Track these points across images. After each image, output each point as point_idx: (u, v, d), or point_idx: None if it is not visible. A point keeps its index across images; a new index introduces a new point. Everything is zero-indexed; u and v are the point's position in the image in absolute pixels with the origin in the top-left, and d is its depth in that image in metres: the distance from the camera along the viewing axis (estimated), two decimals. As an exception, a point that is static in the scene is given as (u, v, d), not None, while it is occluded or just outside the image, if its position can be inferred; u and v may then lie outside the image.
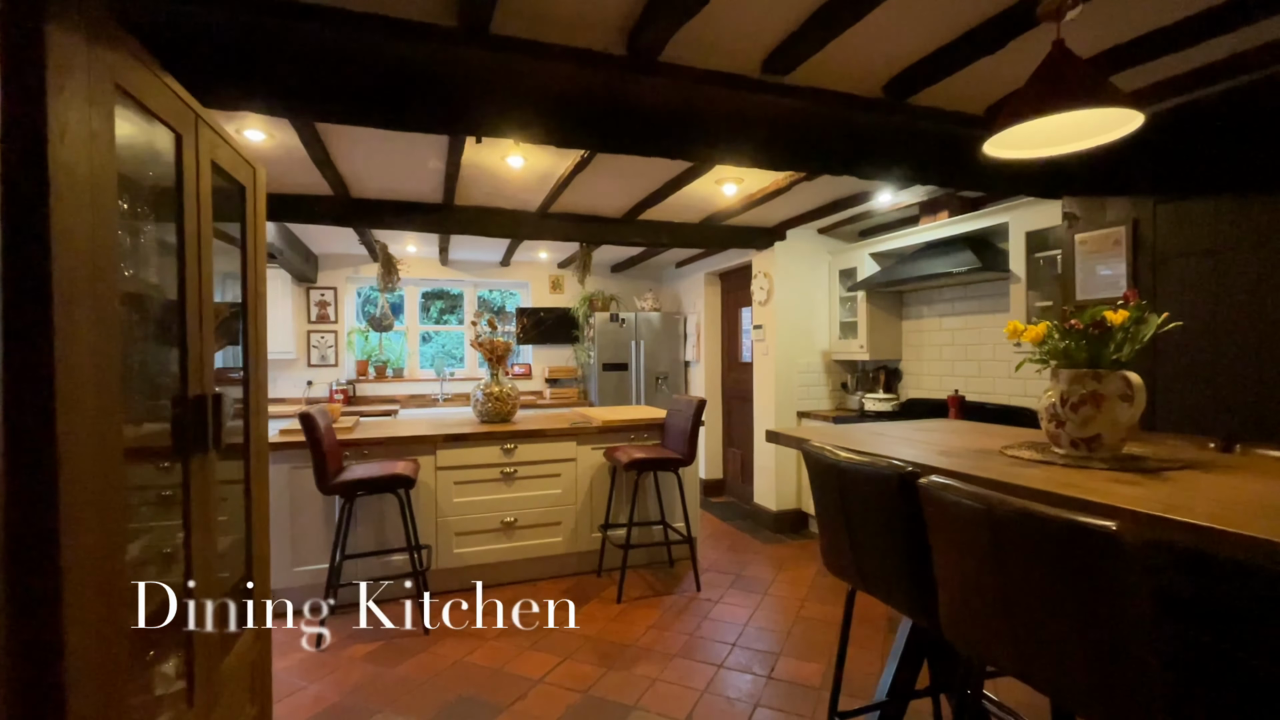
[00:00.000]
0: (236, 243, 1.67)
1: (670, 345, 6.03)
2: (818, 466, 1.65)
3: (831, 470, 1.58)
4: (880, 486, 1.43)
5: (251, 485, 1.62)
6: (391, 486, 2.93)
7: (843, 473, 1.54)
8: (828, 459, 1.58)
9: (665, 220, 4.31)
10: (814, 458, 1.65)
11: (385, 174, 3.23)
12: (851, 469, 1.51)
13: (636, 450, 3.52)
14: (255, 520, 1.63)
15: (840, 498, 1.57)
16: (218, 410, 1.32)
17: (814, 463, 1.66)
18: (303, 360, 5.66)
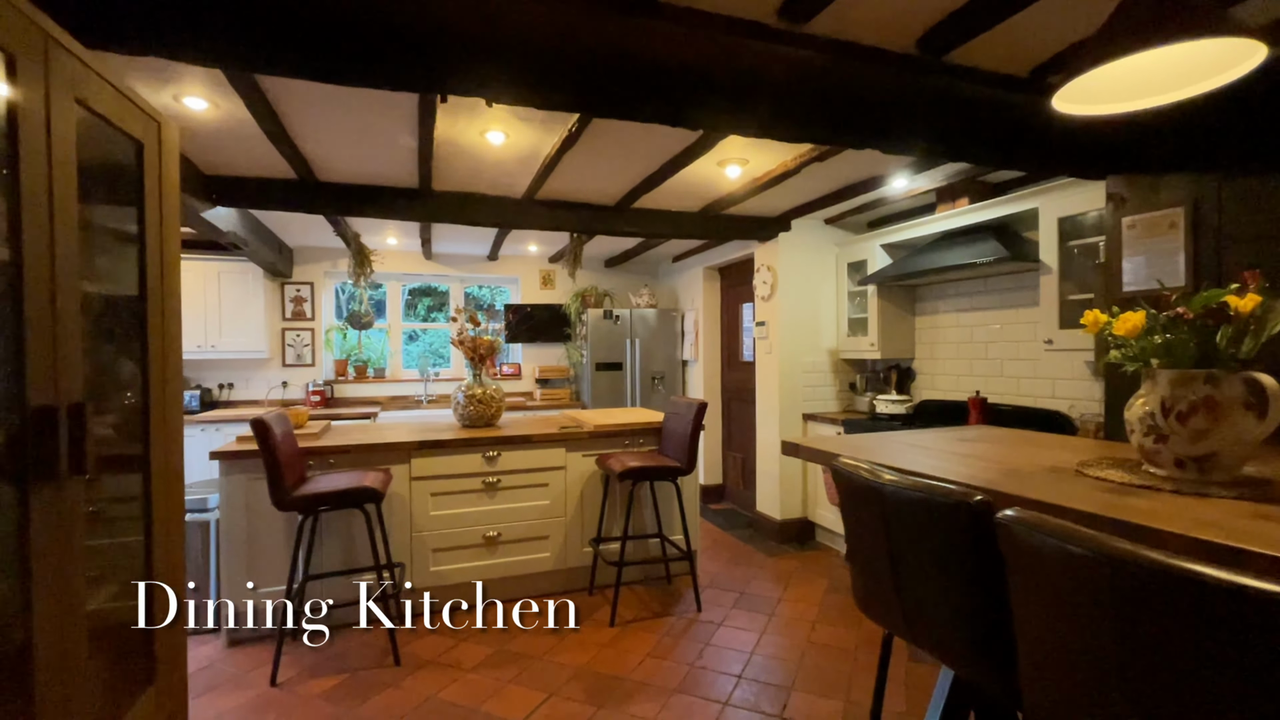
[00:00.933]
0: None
1: (667, 343, 5.73)
2: (853, 488, 1.35)
3: (872, 495, 1.28)
4: (941, 519, 1.13)
5: (154, 516, 1.31)
6: (356, 501, 2.61)
7: (888, 499, 1.24)
8: (868, 481, 1.28)
9: (663, 209, 4.01)
10: (849, 478, 1.34)
11: (352, 153, 2.91)
12: (901, 495, 1.21)
13: (631, 458, 3.21)
14: (159, 558, 1.32)
15: (884, 528, 1.27)
16: (78, 424, 1.01)
17: (848, 484, 1.36)
18: (277, 360, 5.32)
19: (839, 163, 3.10)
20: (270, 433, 2.50)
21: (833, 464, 1.40)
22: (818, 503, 4.30)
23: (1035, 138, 2.34)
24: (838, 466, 1.36)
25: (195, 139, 2.68)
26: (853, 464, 1.34)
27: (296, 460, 2.78)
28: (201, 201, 3.06)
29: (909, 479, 1.21)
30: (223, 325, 4.87)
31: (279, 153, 2.81)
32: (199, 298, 4.79)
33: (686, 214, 4.10)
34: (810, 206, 3.96)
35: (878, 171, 3.31)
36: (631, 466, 3.05)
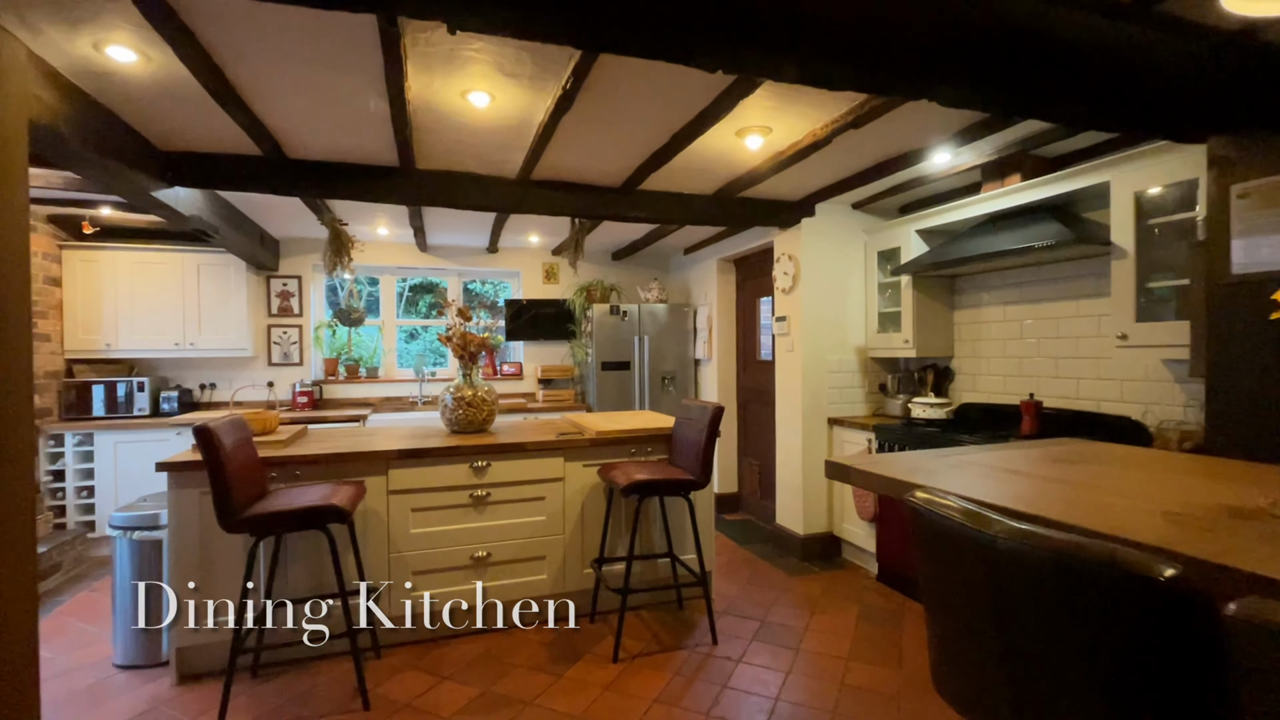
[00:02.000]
0: None
1: (678, 341, 5.34)
2: (939, 533, 0.96)
3: (972, 548, 0.89)
4: (1099, 599, 0.73)
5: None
6: (316, 521, 2.25)
7: (1001, 557, 0.84)
8: (965, 528, 0.89)
9: (673, 191, 3.62)
10: (933, 519, 0.95)
11: (320, 123, 2.56)
12: (1023, 554, 0.81)
13: (638, 469, 2.83)
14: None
15: (990, 597, 0.88)
16: None
17: (931, 527, 0.97)
18: (262, 358, 5.00)
19: (875, 133, 2.70)
20: (216, 442, 2.15)
21: (909, 499, 1.01)
22: (844, 517, 3.89)
23: (1130, 88, 1.93)
24: (918, 505, 0.97)
25: (134, 104, 2.33)
26: (940, 502, 0.94)
27: (254, 473, 2.42)
28: (154, 180, 2.71)
29: (1034, 532, 0.82)
30: (202, 321, 4.55)
31: (236, 122, 2.46)
32: (176, 292, 4.48)
33: (699, 197, 3.71)
34: (838, 188, 3.55)
35: (917, 144, 2.91)
36: (638, 480, 2.66)
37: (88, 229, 4.07)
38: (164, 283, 4.46)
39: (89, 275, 4.31)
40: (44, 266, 4.09)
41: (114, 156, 2.36)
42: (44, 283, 4.09)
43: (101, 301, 4.33)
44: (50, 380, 4.15)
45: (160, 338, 4.45)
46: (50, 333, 4.16)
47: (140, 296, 4.40)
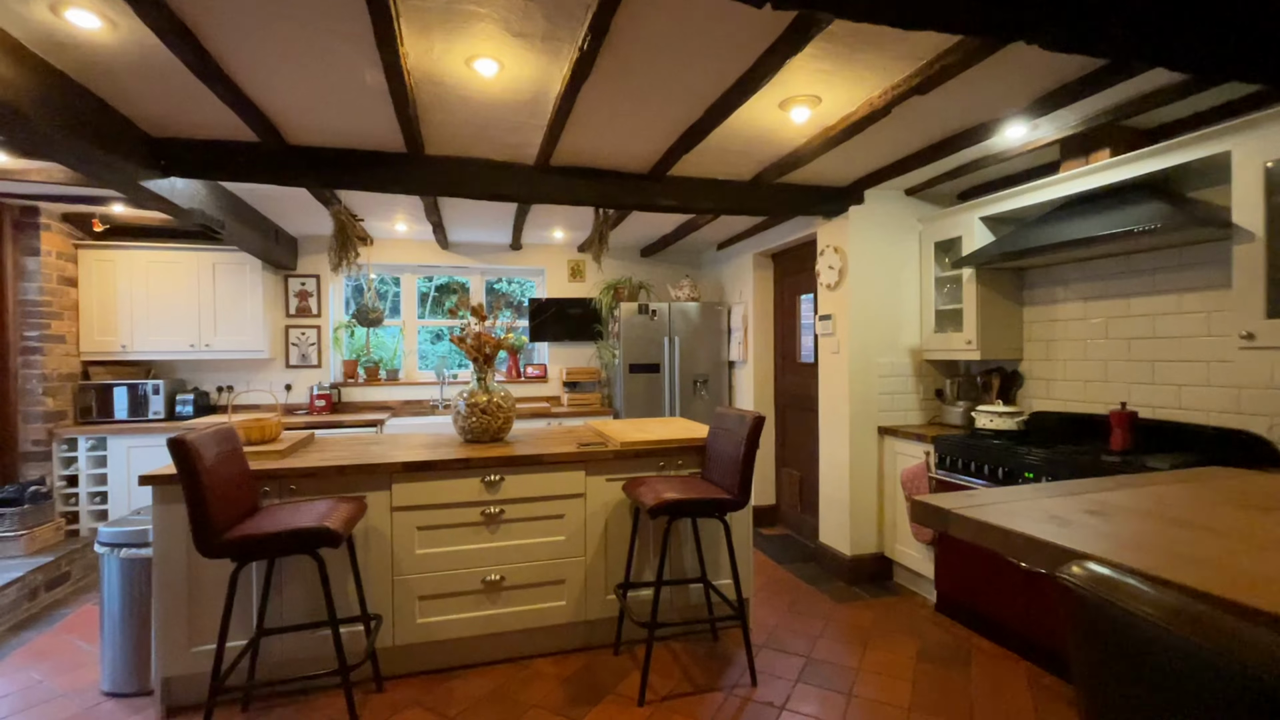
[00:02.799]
0: None
1: (711, 342, 5.00)
2: (1161, 651, 0.62)
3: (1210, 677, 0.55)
4: None
5: None
6: (303, 545, 2.00)
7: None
8: (1217, 656, 0.55)
9: (706, 177, 3.29)
10: (1151, 634, 0.61)
11: (315, 103, 2.31)
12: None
13: (667, 486, 2.52)
14: None
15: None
16: None
17: (1144, 641, 0.63)
18: (280, 360, 4.85)
19: (940, 102, 2.33)
20: (193, 456, 1.91)
21: (1067, 578, 0.67)
22: (897, 537, 3.50)
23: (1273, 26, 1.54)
24: (1103, 600, 0.63)
25: (114, 82, 2.12)
26: (1146, 597, 0.60)
27: (241, 489, 2.19)
28: (146, 169, 2.52)
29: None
30: (217, 322, 4.40)
31: (224, 102, 2.23)
32: (191, 292, 4.34)
33: (735, 184, 3.37)
34: (891, 171, 3.17)
35: (987, 116, 2.52)
36: (667, 500, 2.35)
37: (98, 226, 3.95)
38: (179, 282, 4.32)
39: (104, 275, 4.20)
40: (59, 266, 3.99)
41: (94, 141, 2.15)
42: (59, 283, 3.99)
43: (117, 302, 4.22)
44: (65, 383, 4.05)
45: (176, 339, 4.32)
46: (66, 334, 4.06)
47: (156, 297, 4.28)
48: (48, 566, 3.42)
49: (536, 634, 2.70)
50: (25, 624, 3.15)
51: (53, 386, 3.92)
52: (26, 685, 2.53)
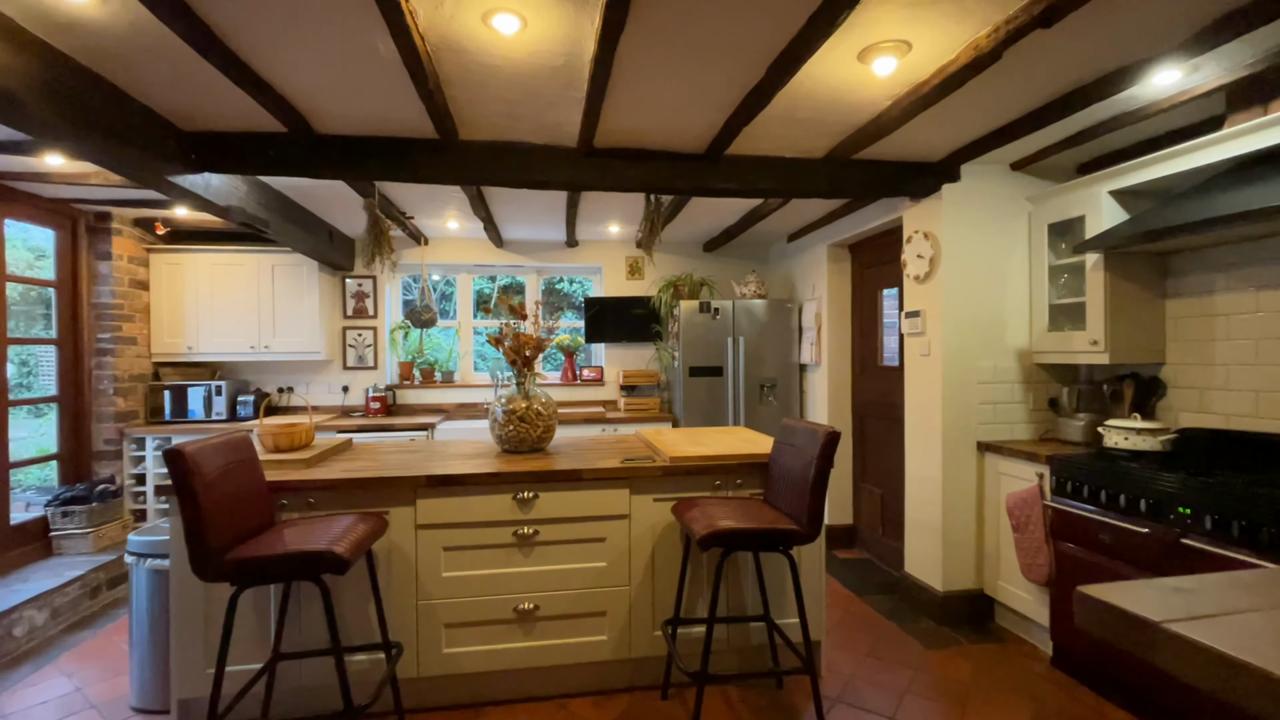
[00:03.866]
0: None
1: (780, 343, 4.57)
2: None
3: None
4: None
5: None
6: (304, 570, 1.78)
7: None
8: None
9: (770, 155, 2.90)
10: None
11: (331, 81, 2.12)
12: None
13: (722, 511, 2.16)
14: None
15: None
16: None
17: None
18: (337, 362, 4.83)
19: (1066, 40, 1.85)
20: (189, 469, 1.74)
21: None
22: (1002, 573, 2.97)
23: None
24: None
25: (124, 67, 2.00)
26: None
27: (250, 504, 2.02)
28: (174, 164, 2.42)
29: None
30: (276, 324, 4.41)
31: (232, 81, 2.07)
32: (251, 294, 4.37)
33: (806, 162, 2.95)
34: (994, 139, 2.67)
35: (1129, 57, 2.01)
36: (720, 529, 1.99)
37: (160, 229, 4.01)
38: (240, 284, 4.36)
39: (173, 278, 4.29)
40: (130, 270, 4.09)
41: (108, 133, 2.05)
42: (130, 286, 4.09)
43: (184, 304, 4.30)
44: (136, 383, 4.15)
45: (237, 340, 4.36)
46: (137, 336, 4.17)
47: (219, 299, 4.34)
48: (110, 565, 3.46)
49: (574, 671, 2.41)
50: (83, 623, 3.18)
51: (124, 387, 4.02)
52: (64, 694, 2.49)
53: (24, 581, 3.15)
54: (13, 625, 2.86)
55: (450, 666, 2.30)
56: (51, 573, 3.27)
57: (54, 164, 2.90)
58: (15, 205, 3.38)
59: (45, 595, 3.05)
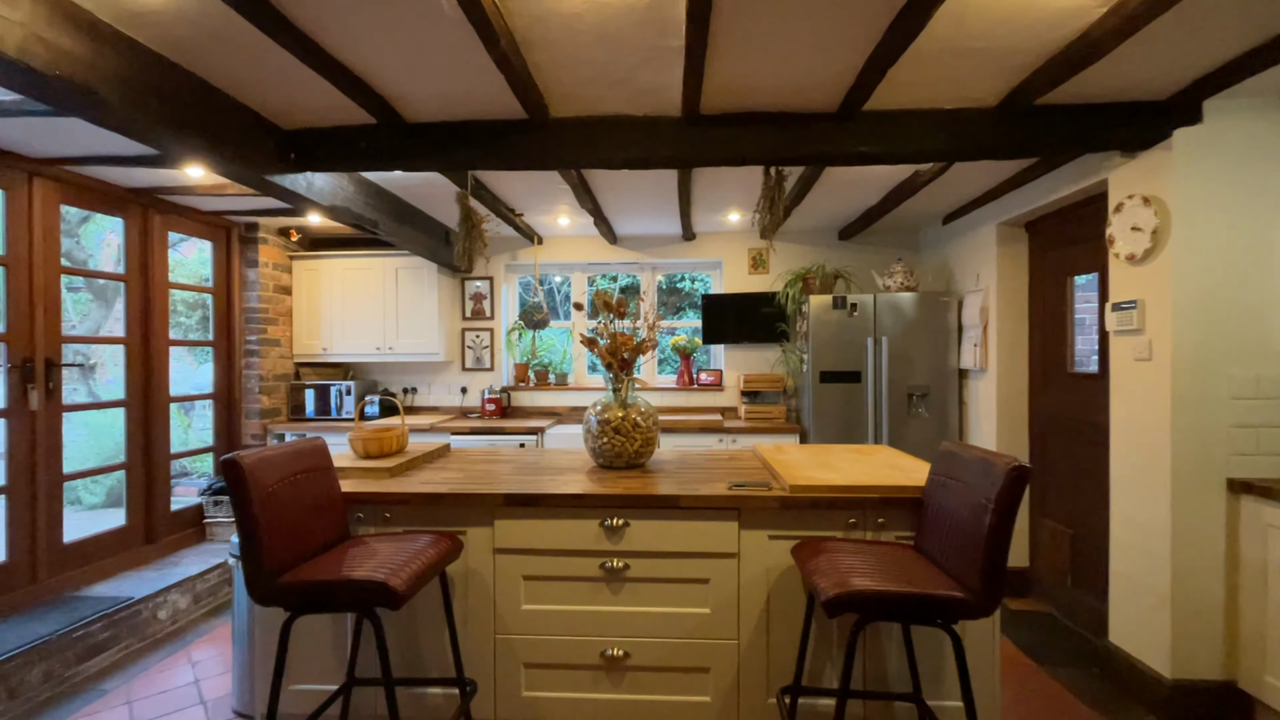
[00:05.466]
0: None
1: (933, 343, 3.85)
2: None
3: None
4: None
5: None
6: (353, 601, 1.58)
7: None
8: None
9: (923, 107, 2.31)
10: None
11: (401, 51, 1.93)
12: None
13: (856, 560, 1.66)
14: None
15: None
16: None
17: None
18: (457, 363, 4.86)
19: None
20: (245, 481, 1.60)
21: None
22: (1268, 663, 2.12)
23: None
24: None
25: (203, 59, 1.94)
26: None
27: (325, 515, 1.87)
28: (274, 163, 2.39)
29: None
30: (399, 326, 4.51)
31: (311, 69, 1.95)
32: (377, 297, 4.50)
33: (973, 114, 2.33)
34: (1255, 60, 1.88)
35: None
36: (856, 590, 1.50)
37: (294, 236, 4.23)
38: (367, 288, 4.51)
39: (311, 283, 4.54)
40: (274, 276, 4.37)
41: (200, 130, 2.01)
42: (274, 291, 4.37)
43: (320, 308, 4.53)
44: (279, 382, 4.43)
45: (365, 342, 4.52)
46: (280, 338, 4.45)
47: (350, 302, 4.52)
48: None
49: (671, 734, 2.02)
50: (221, 609, 3.36)
51: (268, 385, 4.30)
52: (183, 684, 2.57)
53: (175, 565, 3.40)
54: (158, 608, 3.06)
55: (529, 713, 2.02)
56: (199, 558, 3.51)
57: (195, 176, 3.07)
58: (178, 219, 3.69)
59: (189, 580, 3.25)
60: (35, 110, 2.16)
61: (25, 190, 2.87)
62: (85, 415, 5.00)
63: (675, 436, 4.02)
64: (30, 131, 2.49)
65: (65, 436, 3.01)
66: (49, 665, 2.52)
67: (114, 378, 4.29)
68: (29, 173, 2.87)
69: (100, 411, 3.33)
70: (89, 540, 3.15)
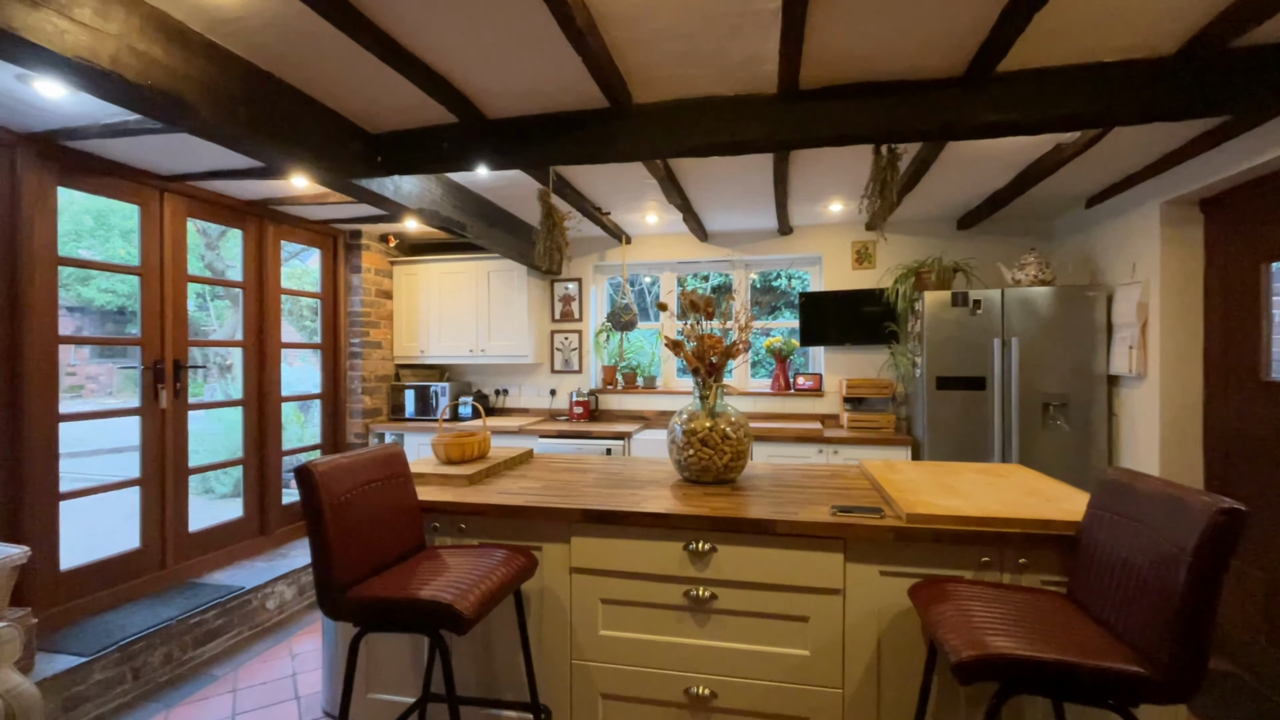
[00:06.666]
0: None
1: (1075, 345, 3.32)
2: None
3: None
4: None
5: None
6: (417, 622, 1.48)
7: None
8: None
9: (1076, 62, 1.93)
10: None
11: (475, 41, 1.83)
12: None
13: (995, 611, 1.36)
14: None
15: None
16: None
17: None
18: (546, 365, 4.85)
19: None
20: (317, 490, 1.56)
21: None
22: None
23: None
24: None
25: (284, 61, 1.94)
26: None
27: (400, 525, 1.81)
28: (362, 167, 2.40)
29: None
30: (491, 329, 4.55)
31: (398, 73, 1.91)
32: (470, 300, 4.57)
33: (1142, 65, 1.91)
34: None
35: None
36: (996, 653, 1.21)
37: (391, 242, 4.36)
38: (461, 291, 4.59)
39: (410, 287, 4.68)
40: (376, 281, 4.54)
41: (287, 136, 2.03)
42: (376, 295, 4.54)
43: (418, 311, 4.66)
44: (381, 383, 4.60)
45: (458, 344, 4.60)
46: (382, 340, 4.62)
47: (445, 305, 4.61)
48: (349, 549, 3.80)
49: (764, 788, 1.79)
50: (322, 602, 3.48)
51: (370, 386, 4.48)
52: (281, 677, 2.65)
53: (284, 557, 3.58)
54: (266, 598, 3.21)
55: (608, 746, 1.86)
56: (305, 551, 3.67)
57: (299, 186, 3.20)
58: (289, 228, 3.90)
59: (295, 573, 3.40)
60: (153, 128, 2.28)
61: (157, 205, 3.10)
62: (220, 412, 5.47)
63: (769, 446, 3.74)
64: (159, 150, 2.67)
65: (205, 431, 3.24)
66: (169, 648, 2.69)
67: (239, 378, 4.63)
68: (160, 189, 3.10)
69: (233, 409, 3.57)
70: (210, 530, 3.37)
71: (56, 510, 2.64)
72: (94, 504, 3.12)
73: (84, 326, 8.79)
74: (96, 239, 7.95)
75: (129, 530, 3.05)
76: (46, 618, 2.56)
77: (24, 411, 2.51)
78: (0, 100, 2.12)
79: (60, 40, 1.36)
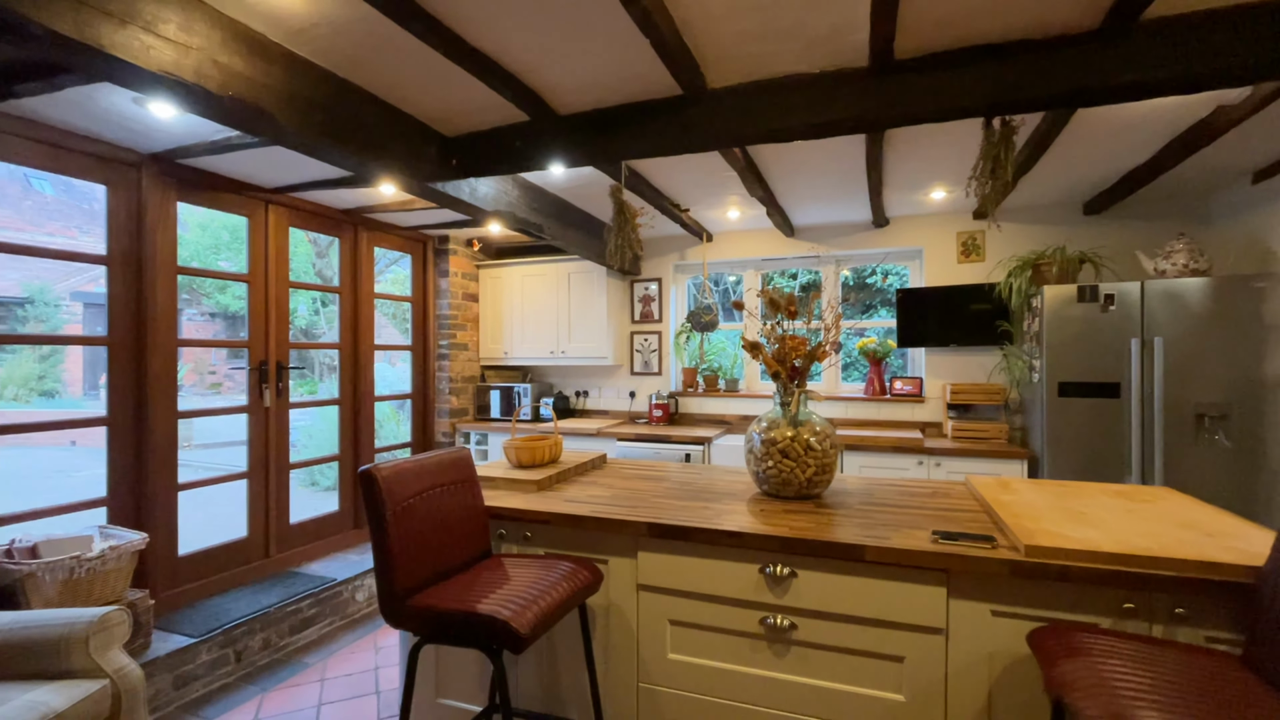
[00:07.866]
0: None
1: (1237, 346, 2.81)
2: None
3: None
4: None
5: None
6: (472, 637, 1.42)
7: None
8: None
9: (1245, 2, 1.58)
10: None
11: (543, 34, 1.76)
12: None
13: (1147, 681, 1.10)
14: None
15: None
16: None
17: None
18: (625, 367, 4.78)
19: None
20: (380, 494, 1.54)
21: None
22: None
23: None
24: None
25: (358, 66, 1.96)
26: None
27: (465, 531, 1.77)
28: (438, 170, 2.42)
29: None
30: (571, 330, 4.54)
31: (468, 73, 1.88)
32: (551, 301, 4.58)
33: (1341, 0, 1.53)
34: None
35: None
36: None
37: (475, 246, 4.44)
38: (543, 293, 4.62)
39: (495, 290, 4.77)
40: (463, 285, 4.66)
41: (364, 141, 2.06)
42: (463, 299, 4.66)
43: (502, 313, 4.75)
44: (467, 384, 4.72)
45: (540, 346, 4.63)
46: (468, 342, 4.74)
47: (528, 307, 4.66)
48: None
49: (851, 846, 1.59)
50: (408, 596, 3.59)
51: (456, 387, 4.60)
52: (364, 670, 2.73)
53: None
54: (356, 590, 3.34)
55: (676, 779, 1.73)
56: (394, 546, 3.81)
57: (387, 194, 3.31)
58: (381, 235, 4.07)
59: (383, 567, 3.52)
60: (251, 143, 2.40)
61: (263, 217, 3.31)
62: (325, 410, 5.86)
63: (861, 455, 3.46)
64: (261, 164, 2.83)
65: (312, 427, 3.43)
66: (268, 634, 2.84)
67: (340, 378, 4.90)
68: (265, 201, 3.31)
69: (337, 406, 3.78)
70: (309, 522, 3.57)
71: (175, 500, 2.87)
72: (212, 494, 3.37)
73: (220, 331, 9.78)
74: (232, 250, 8.81)
75: (239, 519, 3.27)
76: (164, 599, 2.78)
77: (148, 408, 2.74)
78: (122, 123, 2.31)
79: (146, 56, 1.42)
